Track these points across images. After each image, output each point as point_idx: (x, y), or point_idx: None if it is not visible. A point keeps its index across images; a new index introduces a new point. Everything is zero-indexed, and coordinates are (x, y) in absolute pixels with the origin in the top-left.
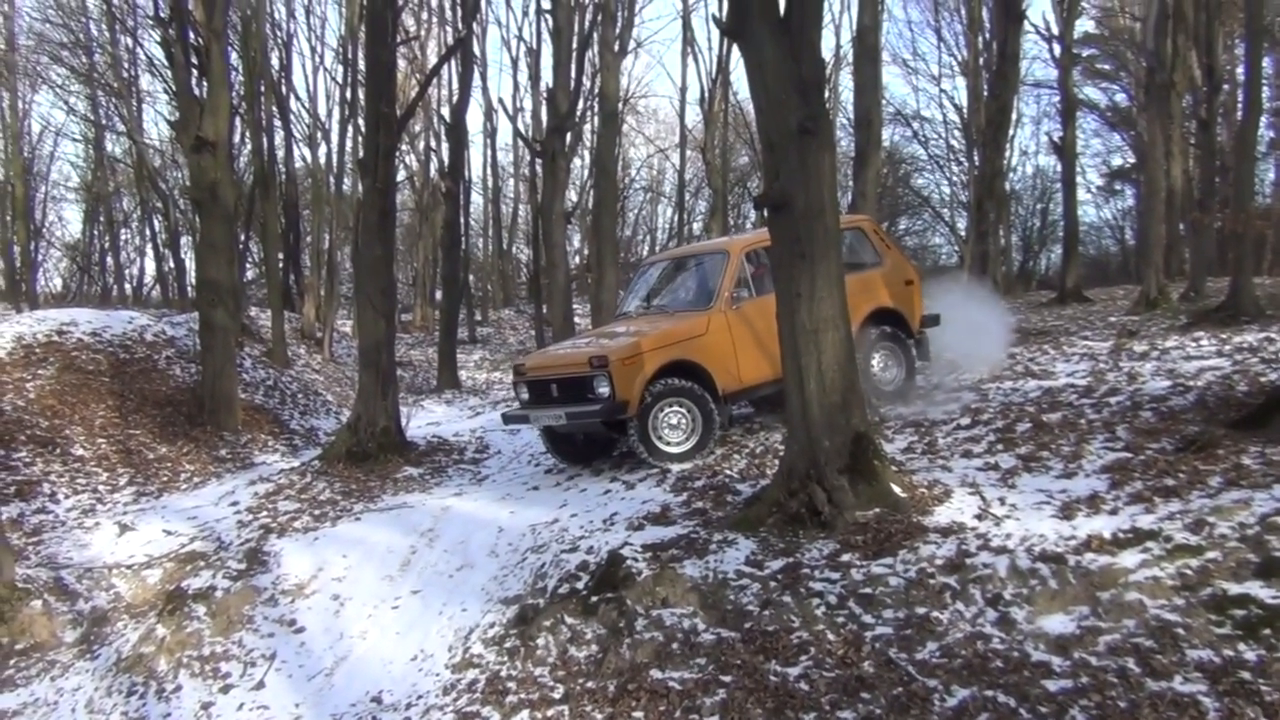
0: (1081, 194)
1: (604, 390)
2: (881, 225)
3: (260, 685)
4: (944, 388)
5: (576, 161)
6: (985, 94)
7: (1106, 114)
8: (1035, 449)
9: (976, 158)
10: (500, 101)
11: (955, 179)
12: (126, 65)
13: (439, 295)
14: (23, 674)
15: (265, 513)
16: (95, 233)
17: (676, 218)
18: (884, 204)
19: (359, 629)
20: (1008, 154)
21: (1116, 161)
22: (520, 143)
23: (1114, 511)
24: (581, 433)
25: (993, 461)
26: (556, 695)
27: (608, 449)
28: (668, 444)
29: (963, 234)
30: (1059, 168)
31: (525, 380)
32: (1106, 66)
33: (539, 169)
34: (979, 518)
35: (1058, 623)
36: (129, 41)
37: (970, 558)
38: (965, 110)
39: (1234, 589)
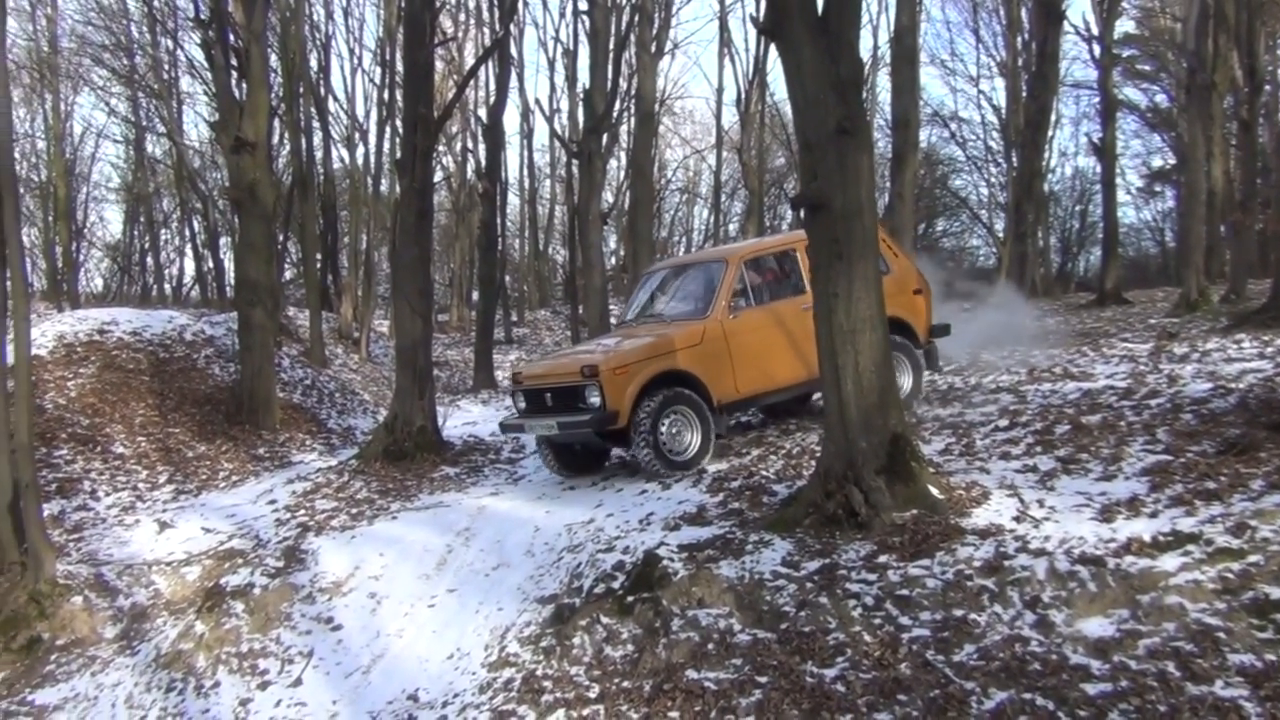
0: (1121, 195)
1: (595, 400)
2: (892, 232)
3: (298, 682)
4: (972, 375)
5: (613, 163)
6: (1024, 95)
7: (1147, 115)
8: (1074, 451)
9: (1015, 159)
10: (537, 102)
11: (993, 180)
12: (167, 67)
13: (475, 296)
14: (64, 669)
15: (303, 511)
16: (135, 233)
17: (712, 219)
18: (921, 205)
19: (395, 627)
20: (1047, 155)
21: (1156, 163)
22: (557, 144)
23: (1154, 514)
24: (578, 443)
25: (1031, 463)
26: (592, 695)
27: (602, 460)
28: (669, 453)
29: (1001, 235)
30: (1098, 169)
31: (522, 389)
32: (1147, 67)
33: (575, 170)
34: (1017, 520)
35: (1097, 626)
36: (169, 43)
37: (1008, 560)
38: (1004, 111)
39: (1276, 593)
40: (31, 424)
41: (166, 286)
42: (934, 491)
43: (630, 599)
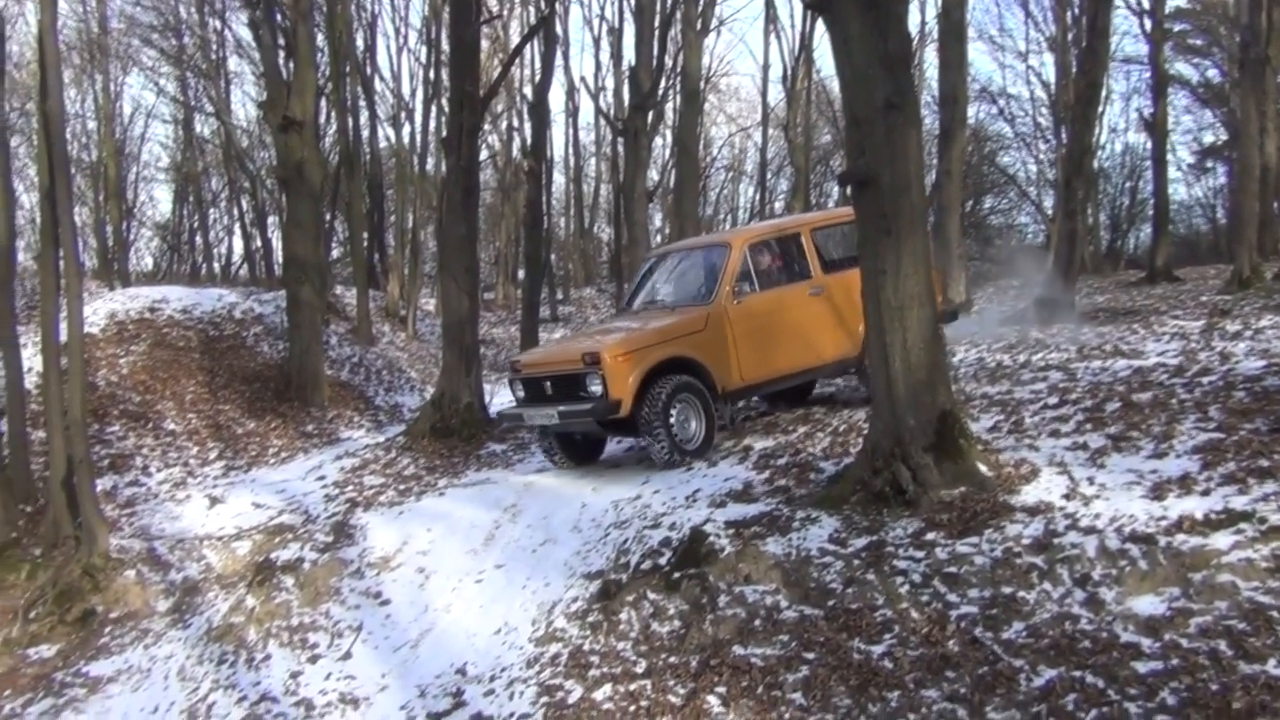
0: (1172, 172)
1: (596, 388)
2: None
3: (347, 656)
4: (1021, 353)
5: (658, 140)
6: (1074, 70)
7: (1198, 90)
8: (1125, 428)
9: (1064, 135)
10: (582, 80)
11: (1042, 157)
12: (215, 47)
13: (521, 274)
14: (117, 641)
15: (351, 487)
16: (185, 212)
17: (758, 197)
18: (969, 182)
19: (443, 602)
20: (1097, 131)
21: (1208, 138)
22: (602, 122)
23: (1206, 492)
24: (578, 433)
25: (1081, 441)
26: (639, 670)
27: (599, 450)
28: (680, 442)
29: (1049, 213)
30: (1149, 145)
31: (520, 378)
32: (1199, 41)
33: (621, 148)
34: (1067, 497)
35: (1148, 604)
36: (217, 23)
37: (1058, 537)
38: (1053, 87)
39: None
40: (84, 401)
41: (215, 265)
42: (983, 469)
43: (677, 575)
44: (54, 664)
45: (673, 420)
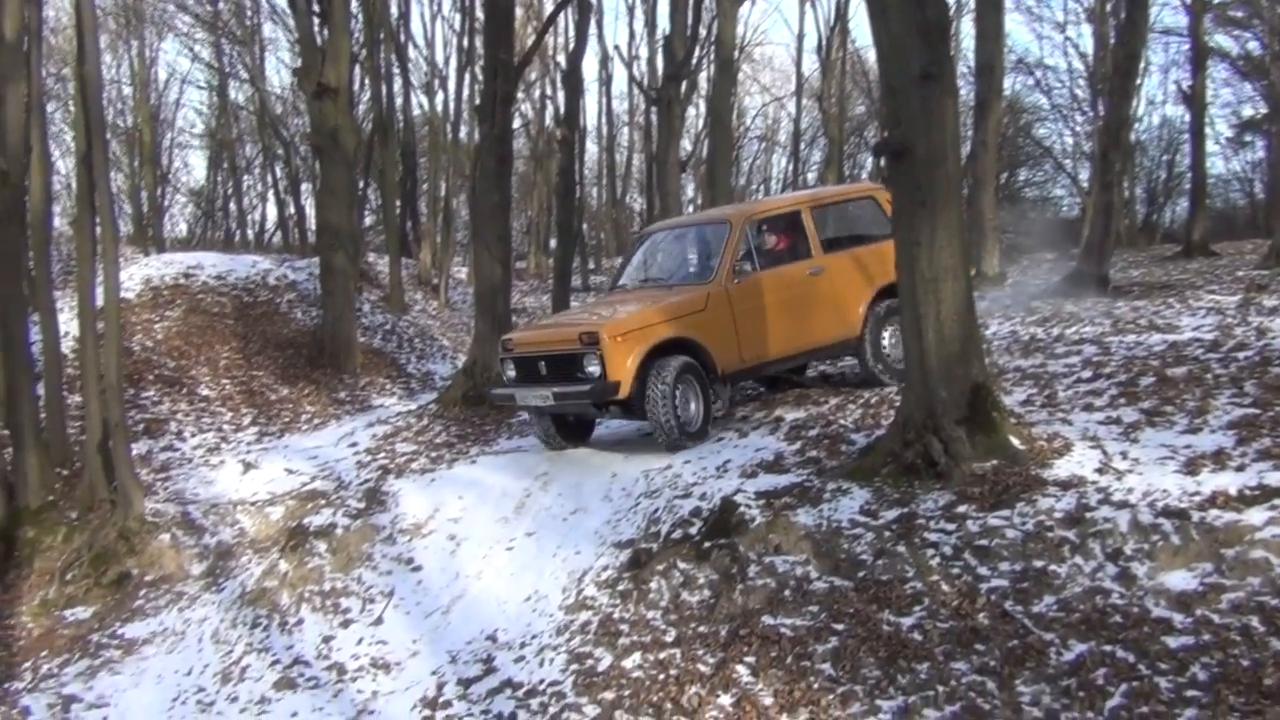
0: (1210, 145)
1: (594, 369)
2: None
3: (379, 621)
4: (1055, 326)
5: (691, 110)
6: (1112, 41)
7: (1238, 62)
8: (1159, 403)
9: (1101, 107)
10: (616, 49)
11: (1079, 129)
12: (249, 13)
13: (553, 243)
14: (152, 604)
15: (383, 454)
16: (219, 178)
17: (791, 167)
18: (1004, 154)
19: (474, 569)
20: (1134, 103)
21: (1247, 111)
22: (636, 90)
23: (1240, 468)
24: (572, 414)
25: (1115, 415)
26: (668, 638)
27: (590, 430)
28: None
29: (1085, 185)
30: (1187, 118)
31: (513, 356)
32: (1239, 13)
33: (654, 117)
34: (1100, 471)
35: (1180, 579)
36: None
37: (1090, 511)
38: (1091, 58)
39: None
40: (120, 365)
41: (249, 232)
42: (1015, 442)
43: (707, 545)
44: (90, 625)
45: (675, 403)
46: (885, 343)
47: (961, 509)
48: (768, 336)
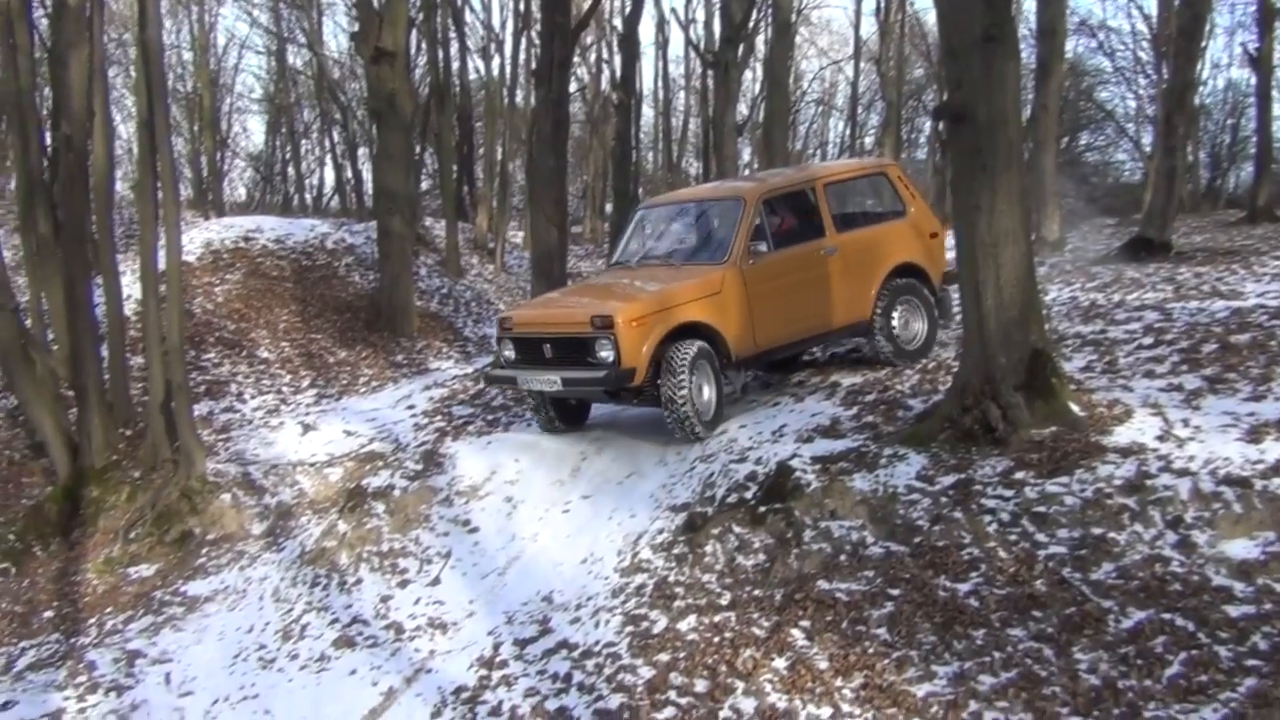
0: (1276, 109)
1: (607, 355)
2: (907, 170)
3: (436, 581)
4: (1116, 292)
5: (748, 74)
6: (1177, 2)
7: None
8: (1222, 370)
9: (1165, 70)
10: (673, 12)
11: (1141, 92)
12: None
13: (609, 208)
14: (214, 563)
15: (440, 417)
16: (277, 143)
17: (848, 131)
18: (1065, 118)
19: (530, 531)
20: (1199, 66)
21: None
22: (692, 54)
23: None
24: (573, 398)
25: (1176, 382)
26: (723, 602)
27: (587, 412)
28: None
29: (1147, 150)
30: (1253, 81)
31: (512, 336)
32: None
33: (710, 81)
34: (1161, 439)
35: (1241, 548)
36: None
37: (1150, 479)
38: (1154, 20)
39: None
40: (182, 327)
41: (307, 196)
42: (1074, 408)
43: (763, 509)
44: (153, 583)
45: (692, 391)
46: (895, 323)
47: (1019, 475)
48: (781, 320)
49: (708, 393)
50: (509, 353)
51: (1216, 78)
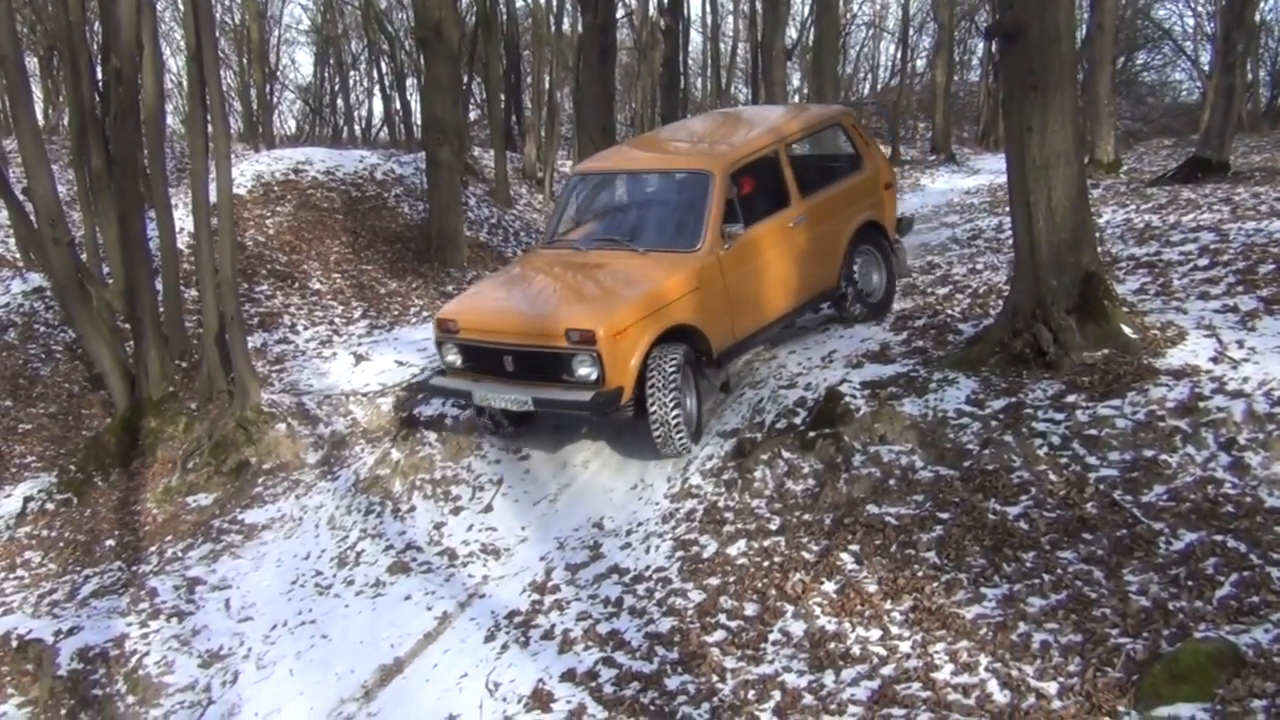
0: None
1: (589, 373)
2: (859, 119)
3: (488, 509)
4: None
5: None
6: None
7: None
8: (1278, 291)
9: None
10: None
11: (1200, 9)
12: None
13: None
14: (270, 491)
15: None
16: (325, 75)
17: (899, 55)
18: (1121, 37)
19: (580, 458)
20: None
21: None
22: None
23: None
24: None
25: (1232, 303)
26: (773, 527)
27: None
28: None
29: (1206, 69)
30: None
31: (458, 342)
32: None
33: (759, 5)
34: (1215, 361)
35: None
36: None
37: (1204, 401)
38: None
39: None
40: (234, 260)
41: (356, 127)
42: (1127, 331)
43: (812, 434)
44: (211, 511)
45: (683, 401)
46: (857, 275)
47: (1070, 398)
48: (756, 306)
49: (690, 401)
50: (454, 358)
51: None
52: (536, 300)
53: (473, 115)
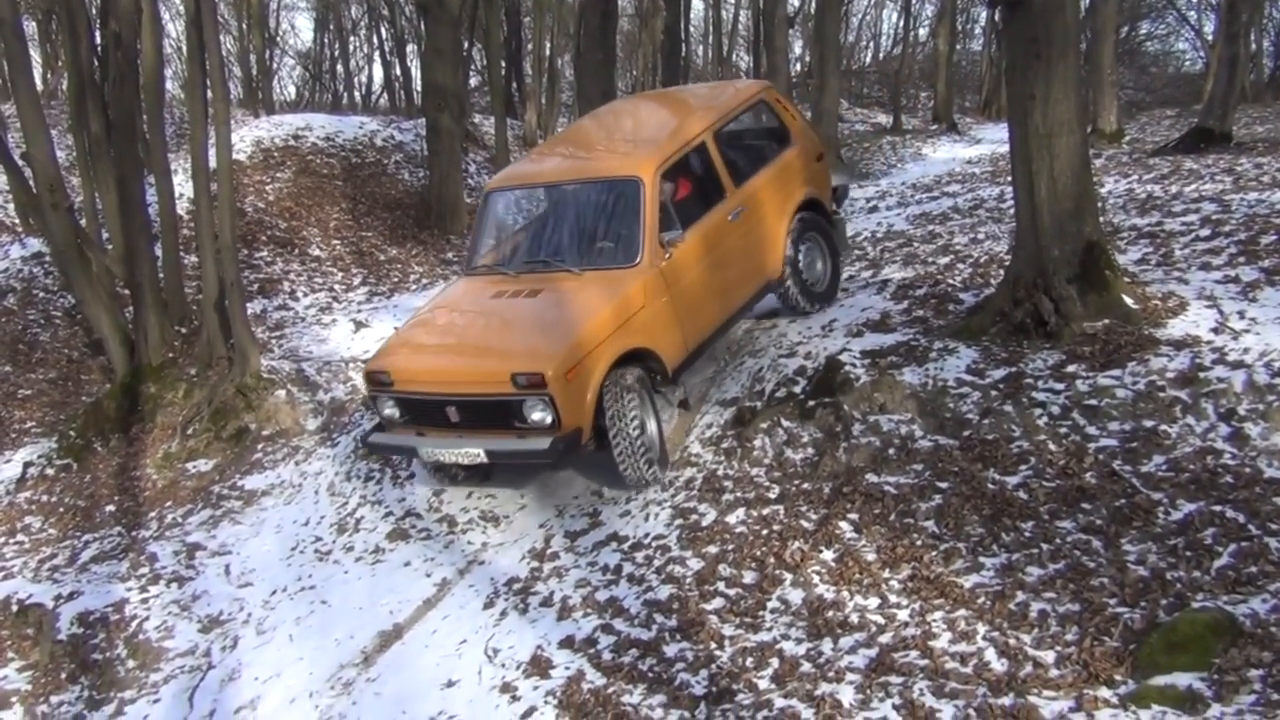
0: None
1: (543, 417)
2: (787, 93)
3: (487, 478)
4: (1173, 183)
5: None
6: None
7: None
8: None
9: None
10: None
11: None
12: None
13: None
14: (269, 457)
15: None
16: (325, 40)
17: (902, 22)
18: (1125, 6)
19: None
20: None
21: None
22: None
23: None
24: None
25: (1233, 274)
26: (772, 495)
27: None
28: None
29: (1209, 38)
30: None
31: (393, 395)
32: None
33: None
34: (1215, 331)
35: None
36: None
37: (1204, 371)
38: None
39: None
40: (234, 226)
41: (356, 94)
42: (1128, 301)
43: (811, 403)
44: (211, 477)
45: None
46: (802, 268)
47: (1071, 368)
48: (706, 312)
49: (650, 426)
50: (392, 411)
51: None
52: (474, 340)
53: (473, 81)
